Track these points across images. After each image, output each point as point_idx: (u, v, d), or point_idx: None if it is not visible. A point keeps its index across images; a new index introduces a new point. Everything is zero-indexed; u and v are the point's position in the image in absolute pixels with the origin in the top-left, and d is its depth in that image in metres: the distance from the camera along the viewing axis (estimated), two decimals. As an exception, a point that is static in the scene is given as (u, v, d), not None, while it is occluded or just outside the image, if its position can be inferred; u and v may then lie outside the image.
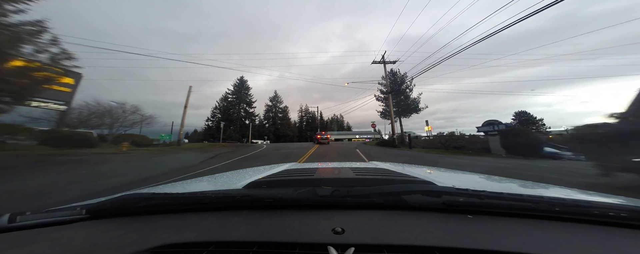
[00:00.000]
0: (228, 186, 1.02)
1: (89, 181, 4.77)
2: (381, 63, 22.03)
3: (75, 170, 6.04)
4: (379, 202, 0.61)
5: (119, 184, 4.59)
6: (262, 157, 11.03)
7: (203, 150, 14.56)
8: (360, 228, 0.50)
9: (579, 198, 0.68)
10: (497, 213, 0.56)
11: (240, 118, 54.94)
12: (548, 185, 0.92)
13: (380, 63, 22.10)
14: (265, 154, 12.78)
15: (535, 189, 0.86)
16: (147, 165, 7.55)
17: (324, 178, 0.97)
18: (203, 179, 1.30)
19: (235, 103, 55.23)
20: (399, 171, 1.15)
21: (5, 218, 0.59)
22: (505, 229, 0.50)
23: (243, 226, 0.53)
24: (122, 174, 5.77)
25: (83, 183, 4.57)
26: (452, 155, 11.81)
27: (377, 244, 0.44)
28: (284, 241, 0.46)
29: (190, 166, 7.65)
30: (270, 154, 12.65)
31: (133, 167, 7.03)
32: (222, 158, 10.28)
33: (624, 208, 0.55)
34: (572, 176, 5.23)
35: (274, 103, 64.96)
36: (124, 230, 0.55)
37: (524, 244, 0.43)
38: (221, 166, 7.99)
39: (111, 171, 6.02)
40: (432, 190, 0.62)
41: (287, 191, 0.68)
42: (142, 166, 7.36)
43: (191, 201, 0.68)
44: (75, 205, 0.68)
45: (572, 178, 5.02)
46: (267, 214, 0.60)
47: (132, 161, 8.27)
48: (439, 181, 0.90)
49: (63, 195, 3.67)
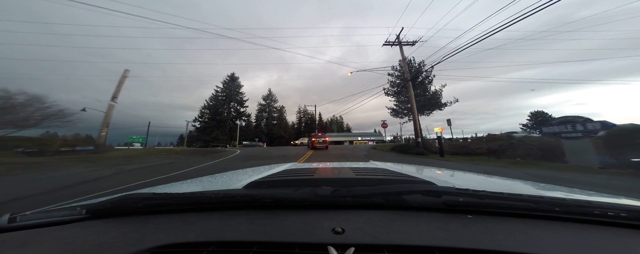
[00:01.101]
0: (228, 186, 1.02)
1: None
2: (395, 44, 16.53)
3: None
4: (379, 202, 0.61)
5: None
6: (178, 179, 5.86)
7: (126, 162, 10.06)
8: (360, 228, 0.50)
9: (579, 198, 0.68)
10: (497, 213, 0.56)
11: (230, 118, 49.96)
12: (548, 185, 0.93)
13: (394, 45, 16.58)
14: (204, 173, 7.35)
15: (536, 189, 0.87)
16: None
17: (324, 178, 0.96)
18: (203, 179, 1.29)
19: (224, 102, 50.06)
20: (399, 171, 1.15)
21: (5, 218, 0.59)
22: (505, 229, 0.50)
23: (243, 226, 0.53)
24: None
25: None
26: (513, 166, 7.80)
27: (377, 244, 0.44)
28: (284, 241, 0.46)
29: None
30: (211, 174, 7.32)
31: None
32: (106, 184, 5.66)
33: (624, 208, 0.54)
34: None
35: (268, 102, 59.76)
36: (124, 230, 0.55)
37: (524, 244, 0.43)
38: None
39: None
40: (432, 190, 0.62)
41: (287, 191, 0.68)
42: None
43: (191, 201, 0.68)
44: (75, 205, 0.69)
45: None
46: (267, 214, 0.60)
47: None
48: (439, 181, 0.90)
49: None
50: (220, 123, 47.78)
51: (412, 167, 1.59)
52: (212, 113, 48.39)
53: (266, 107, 59.38)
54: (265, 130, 55.72)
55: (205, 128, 47.25)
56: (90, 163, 9.48)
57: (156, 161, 10.49)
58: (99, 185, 5.83)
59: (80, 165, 9.18)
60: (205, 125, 47.47)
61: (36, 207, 1.44)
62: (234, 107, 51.51)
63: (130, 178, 7.14)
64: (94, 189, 5.35)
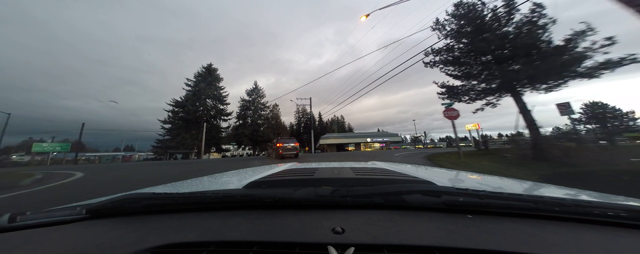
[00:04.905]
0: (228, 186, 1.02)
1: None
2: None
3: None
4: (379, 202, 0.61)
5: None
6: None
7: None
8: (360, 228, 0.50)
9: (579, 198, 0.67)
10: (497, 213, 0.56)
11: (207, 118, 40.18)
12: (548, 185, 0.92)
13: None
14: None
15: (536, 189, 0.86)
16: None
17: (324, 178, 0.95)
18: (203, 179, 1.29)
19: (194, 98, 38.35)
20: (399, 171, 1.15)
21: (5, 218, 0.59)
22: (505, 229, 0.50)
23: (243, 226, 0.53)
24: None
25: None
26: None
27: (377, 244, 0.43)
28: (284, 240, 0.46)
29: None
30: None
31: None
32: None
33: (624, 208, 0.54)
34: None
35: (254, 98, 47.26)
36: (124, 230, 0.55)
37: (524, 244, 0.43)
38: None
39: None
40: (432, 190, 0.62)
41: (287, 191, 0.68)
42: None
43: (191, 201, 0.67)
44: (75, 205, 0.68)
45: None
46: (267, 214, 0.60)
47: None
48: (439, 181, 0.90)
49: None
50: (190, 124, 38.02)
51: (412, 167, 1.57)
52: (182, 112, 38.77)
53: (251, 104, 46.93)
54: (247, 132, 43.64)
55: (170, 131, 37.59)
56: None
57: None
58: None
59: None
60: (172, 127, 37.87)
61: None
62: (212, 105, 41.73)
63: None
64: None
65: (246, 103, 46.93)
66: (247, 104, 46.96)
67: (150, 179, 7.05)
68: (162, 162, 18.63)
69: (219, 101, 42.21)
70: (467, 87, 11.13)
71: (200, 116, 38.47)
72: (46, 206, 0.70)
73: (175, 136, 36.48)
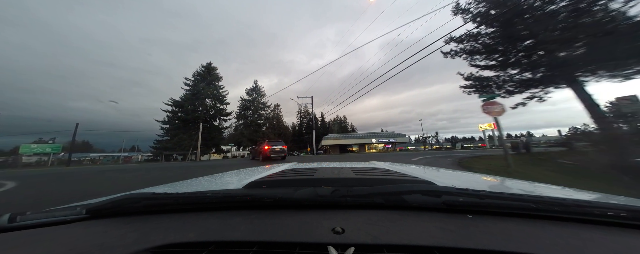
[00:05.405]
0: (228, 186, 1.02)
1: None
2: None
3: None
4: (379, 202, 0.61)
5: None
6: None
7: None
8: (360, 228, 0.50)
9: (579, 198, 0.67)
10: (497, 213, 0.56)
11: (206, 118, 38.62)
12: (548, 185, 0.92)
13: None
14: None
15: (536, 189, 0.85)
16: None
17: (324, 178, 0.95)
18: (203, 179, 1.29)
19: (195, 99, 37.69)
20: (399, 171, 1.14)
21: (5, 218, 0.59)
22: (505, 229, 0.49)
23: (243, 226, 0.53)
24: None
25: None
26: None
27: (377, 244, 0.44)
28: (284, 240, 0.46)
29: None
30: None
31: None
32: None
33: (624, 208, 0.54)
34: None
35: (254, 97, 46.03)
36: (124, 230, 0.54)
37: (524, 244, 0.43)
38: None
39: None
40: (432, 190, 0.62)
41: (287, 191, 0.68)
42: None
43: (191, 201, 0.67)
44: (75, 205, 0.68)
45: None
46: (267, 214, 0.60)
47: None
48: (439, 181, 0.89)
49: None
50: (188, 125, 36.47)
51: (412, 167, 1.57)
52: (180, 112, 37.31)
53: (251, 104, 45.83)
54: (246, 133, 42.50)
55: (169, 131, 36.13)
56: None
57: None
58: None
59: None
60: (170, 127, 36.41)
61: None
62: (211, 105, 40.19)
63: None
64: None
65: (246, 102, 45.63)
66: (247, 104, 45.67)
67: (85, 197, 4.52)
68: (152, 165, 16.99)
69: (219, 101, 40.87)
70: (502, 77, 9.34)
71: (198, 116, 36.98)
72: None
73: (173, 136, 35.02)
